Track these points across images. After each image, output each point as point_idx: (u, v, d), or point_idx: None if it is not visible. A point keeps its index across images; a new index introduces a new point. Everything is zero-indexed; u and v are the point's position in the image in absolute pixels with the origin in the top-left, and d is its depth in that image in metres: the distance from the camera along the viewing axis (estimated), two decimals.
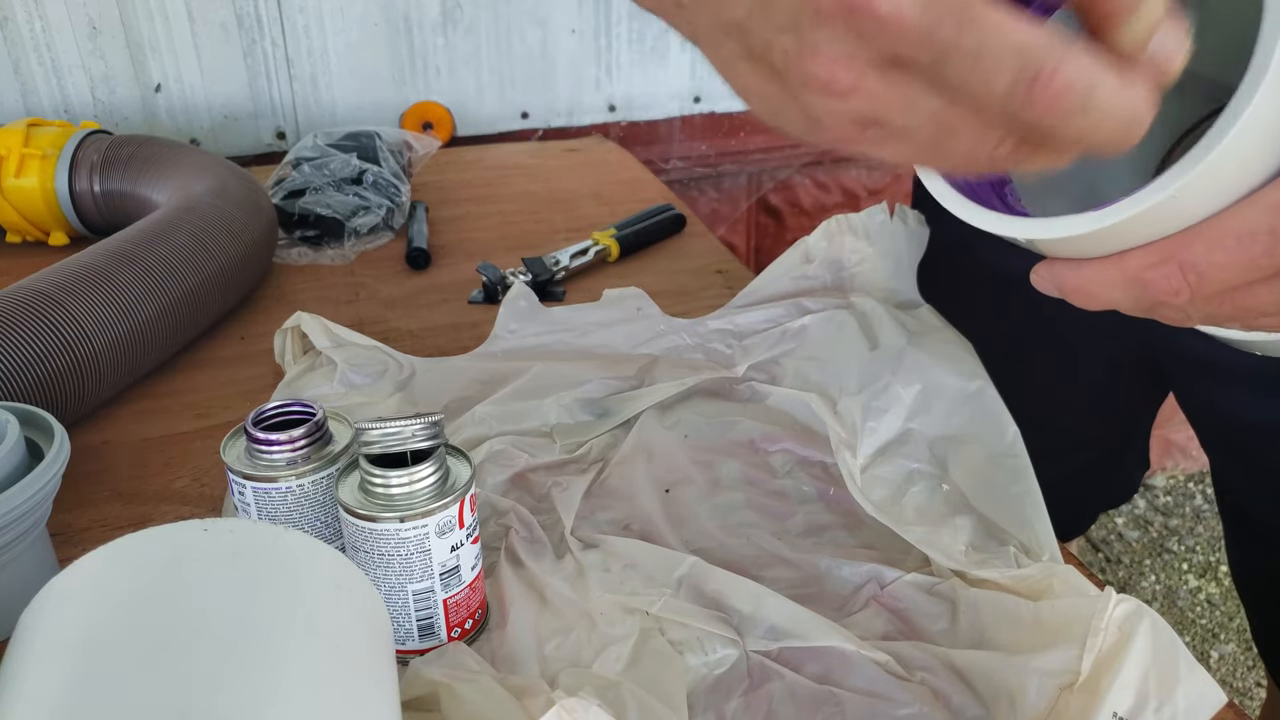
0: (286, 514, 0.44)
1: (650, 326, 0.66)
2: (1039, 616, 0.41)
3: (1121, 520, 1.78)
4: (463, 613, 0.43)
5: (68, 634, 0.29)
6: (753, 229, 1.37)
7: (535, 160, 1.08)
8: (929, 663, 0.42)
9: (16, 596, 0.36)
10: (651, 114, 1.23)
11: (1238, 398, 0.61)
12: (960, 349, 0.59)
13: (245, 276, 0.72)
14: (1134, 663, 0.37)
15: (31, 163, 0.79)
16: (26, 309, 0.55)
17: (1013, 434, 0.53)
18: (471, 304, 0.76)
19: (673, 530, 0.51)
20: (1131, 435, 0.80)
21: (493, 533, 0.50)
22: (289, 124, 1.09)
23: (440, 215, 0.92)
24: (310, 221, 0.84)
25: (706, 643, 0.43)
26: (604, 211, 0.94)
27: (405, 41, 1.09)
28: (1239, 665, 1.51)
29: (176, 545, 0.32)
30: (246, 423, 0.44)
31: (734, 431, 0.58)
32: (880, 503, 0.50)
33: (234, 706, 0.26)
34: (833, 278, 0.67)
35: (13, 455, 0.43)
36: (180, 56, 1.02)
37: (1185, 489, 1.84)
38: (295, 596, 0.31)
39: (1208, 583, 1.65)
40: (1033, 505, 0.50)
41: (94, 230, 0.82)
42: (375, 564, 0.41)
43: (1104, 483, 0.83)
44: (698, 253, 0.85)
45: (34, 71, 0.98)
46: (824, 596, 0.47)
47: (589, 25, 1.15)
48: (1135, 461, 0.83)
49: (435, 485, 0.41)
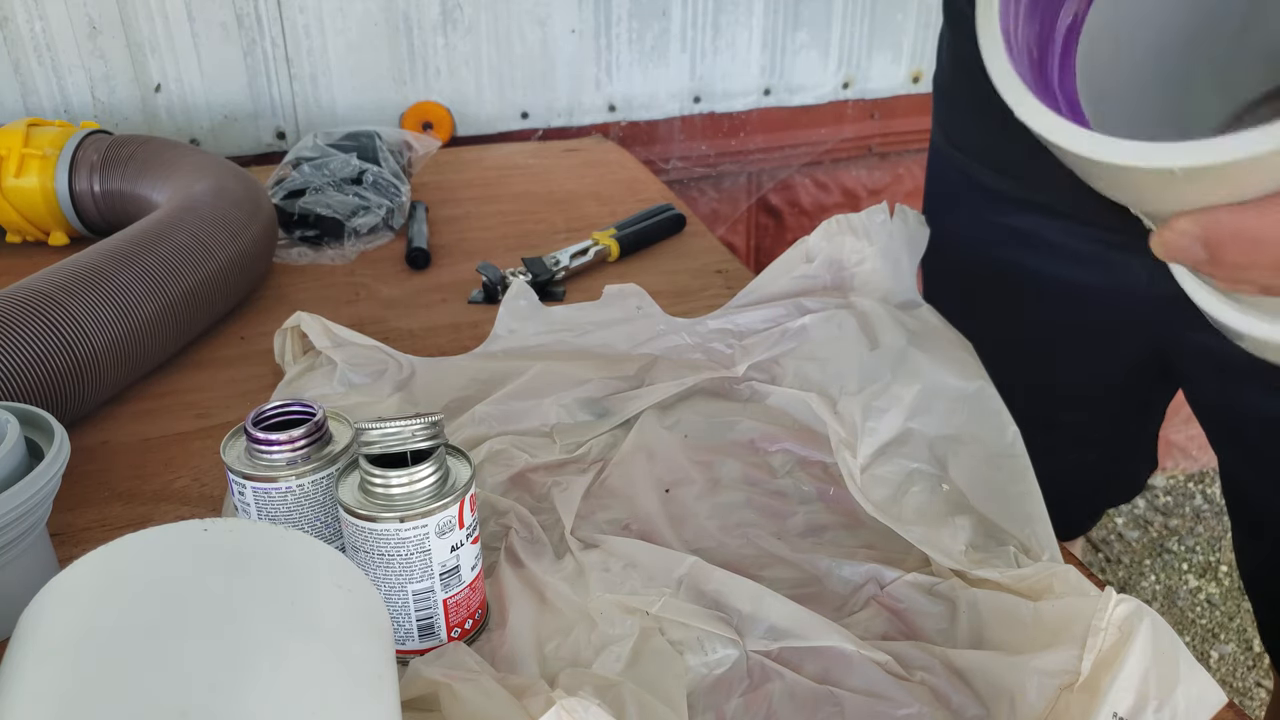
0: (286, 514, 0.44)
1: (650, 326, 0.66)
2: (1039, 616, 0.41)
3: (1121, 520, 1.77)
4: (463, 613, 0.43)
5: (68, 634, 0.29)
6: (753, 229, 1.37)
7: (535, 160, 1.08)
8: (929, 663, 0.42)
9: (16, 596, 0.36)
10: (651, 114, 1.23)
11: (1247, 394, 0.61)
12: (960, 349, 0.59)
13: (245, 276, 0.72)
14: (1134, 663, 0.37)
15: (31, 163, 0.79)
16: (26, 309, 0.55)
17: (1013, 434, 0.53)
18: (471, 304, 0.76)
19: (673, 530, 0.51)
20: (1138, 434, 0.80)
21: (493, 533, 0.50)
22: (289, 124, 1.09)
23: (440, 215, 0.92)
24: (310, 221, 0.84)
25: (706, 643, 0.43)
26: (604, 211, 0.94)
27: (405, 41, 1.09)
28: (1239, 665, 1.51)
29: (176, 545, 0.32)
30: (246, 423, 0.44)
31: (734, 431, 0.58)
32: (880, 502, 0.50)
33: (234, 706, 0.26)
34: (833, 278, 0.67)
35: (13, 455, 0.43)
36: (180, 56, 1.02)
37: (1185, 489, 1.84)
38: (295, 596, 0.31)
39: (1208, 583, 1.65)
40: (1033, 505, 0.50)
41: (94, 230, 0.82)
42: (375, 564, 0.41)
43: (1109, 481, 0.83)
44: (698, 253, 0.85)
45: (34, 71, 0.98)
46: (824, 596, 0.47)
47: (589, 25, 1.15)
48: (1142, 460, 0.83)
49: (435, 485, 0.41)
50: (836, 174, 1.37)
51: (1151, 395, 0.75)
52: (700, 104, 1.25)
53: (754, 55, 1.24)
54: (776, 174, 1.34)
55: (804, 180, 1.36)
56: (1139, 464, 0.83)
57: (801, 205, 1.37)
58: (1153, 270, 0.60)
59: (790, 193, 1.36)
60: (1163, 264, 0.59)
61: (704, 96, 1.24)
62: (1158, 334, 0.64)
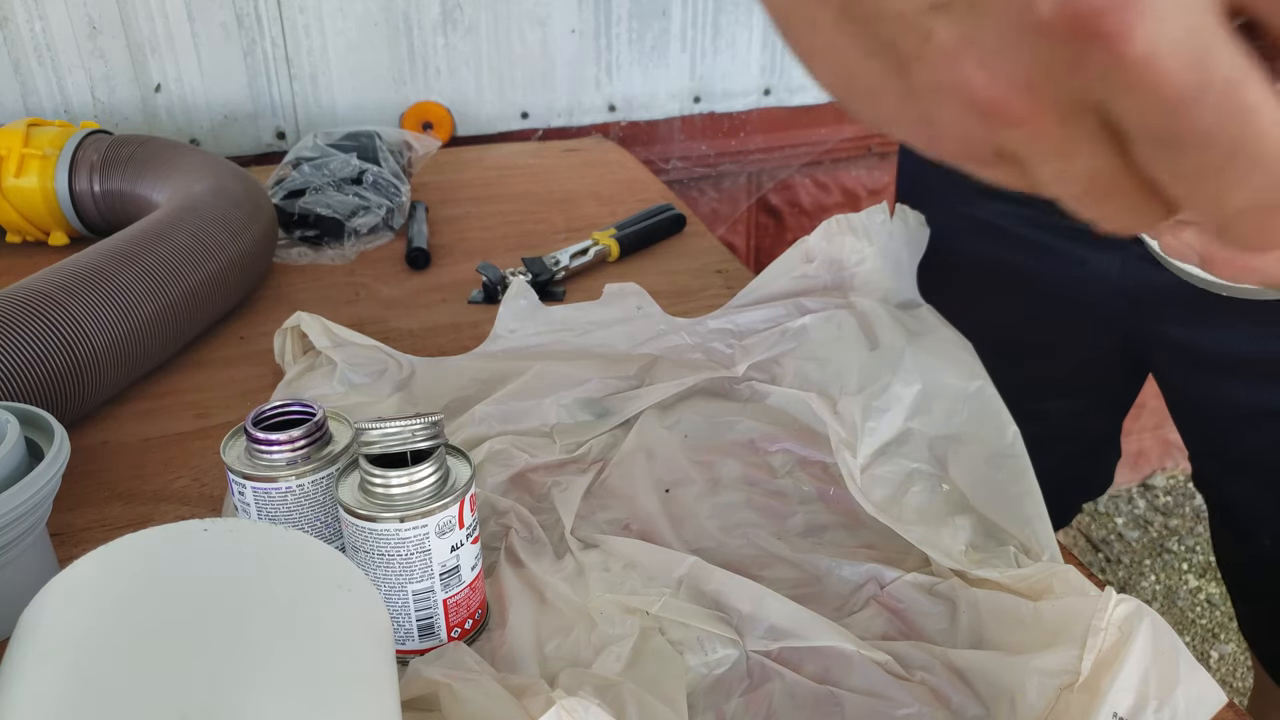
0: (286, 514, 0.44)
1: (650, 326, 0.66)
2: (1039, 616, 0.41)
3: (1121, 520, 1.78)
4: (463, 613, 0.43)
5: (68, 634, 0.29)
6: (753, 229, 1.37)
7: (535, 160, 1.08)
8: (929, 663, 0.42)
9: (16, 596, 0.36)
10: (651, 114, 1.23)
11: (1217, 387, 0.61)
12: (960, 349, 0.59)
13: (245, 276, 0.72)
14: (1134, 663, 0.37)
15: (31, 163, 0.79)
16: (26, 309, 0.55)
17: (1012, 434, 0.53)
18: (471, 304, 0.76)
19: (673, 530, 0.51)
20: (1108, 427, 0.80)
21: (493, 533, 0.50)
22: (289, 124, 1.09)
23: (440, 215, 0.92)
24: (310, 221, 0.84)
25: (706, 643, 0.43)
26: (604, 211, 0.94)
27: (405, 41, 1.09)
28: (1239, 665, 1.51)
29: (176, 545, 0.32)
30: (246, 423, 0.44)
31: (734, 431, 0.58)
32: (880, 502, 0.50)
33: (234, 706, 0.26)
34: (833, 278, 0.67)
35: (13, 455, 0.43)
36: (180, 56, 1.02)
37: (1185, 489, 1.84)
38: (295, 596, 0.31)
39: (1208, 583, 1.65)
40: (1033, 505, 0.50)
41: (94, 230, 0.82)
42: (375, 564, 0.41)
43: (1085, 474, 0.83)
44: (698, 252, 0.85)
45: (34, 71, 0.98)
46: (824, 596, 0.47)
47: (589, 25, 1.15)
48: (1112, 453, 0.83)
49: (435, 485, 0.41)
50: (836, 174, 1.37)
51: (1122, 388, 0.75)
52: (700, 104, 1.25)
53: (754, 55, 1.24)
54: (776, 174, 1.34)
55: (804, 180, 1.36)
56: (1109, 457, 0.83)
57: (801, 205, 1.37)
58: (1123, 263, 0.60)
59: (790, 193, 1.36)
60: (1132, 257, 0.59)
61: (704, 96, 1.24)
62: (1128, 326, 0.64)
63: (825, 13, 0.21)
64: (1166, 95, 0.17)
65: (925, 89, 0.20)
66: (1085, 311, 0.66)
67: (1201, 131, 0.18)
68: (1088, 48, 0.18)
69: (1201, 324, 0.59)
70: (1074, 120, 0.19)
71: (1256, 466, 0.63)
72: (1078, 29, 0.17)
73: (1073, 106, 0.19)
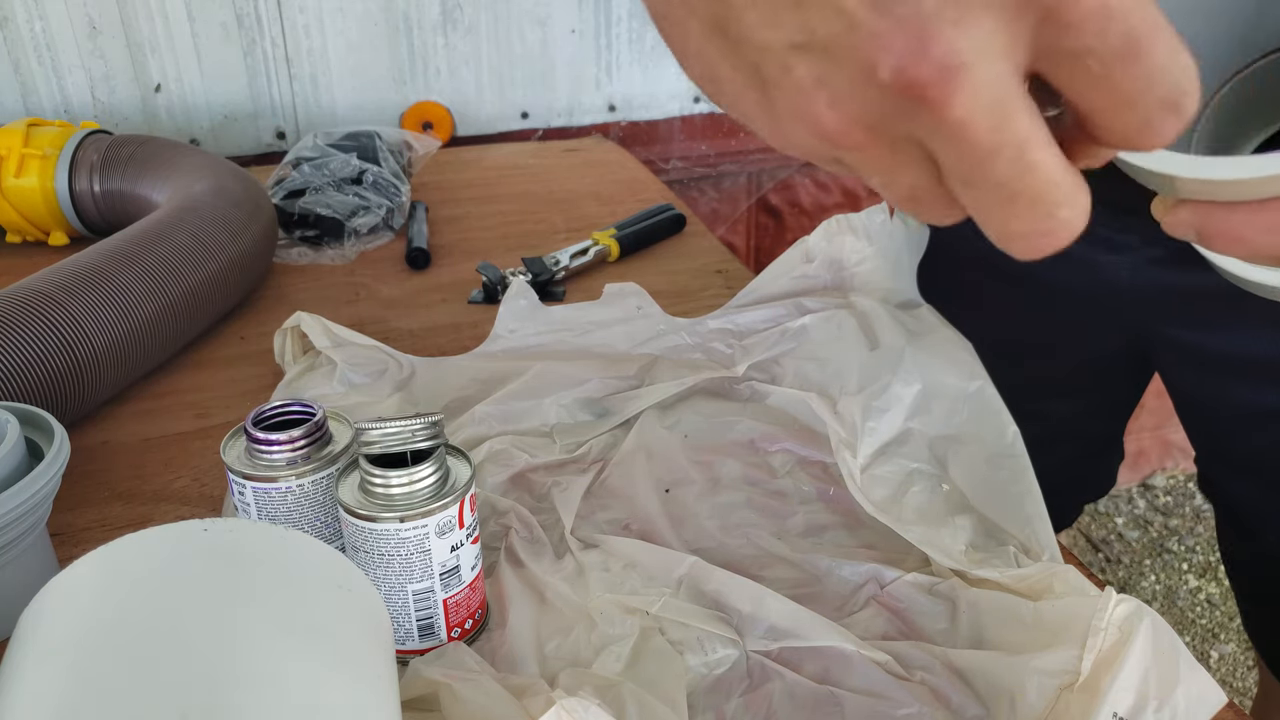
0: (286, 514, 0.44)
1: (650, 326, 0.66)
2: (1039, 616, 0.41)
3: (1121, 520, 1.78)
4: (463, 613, 0.43)
5: (68, 634, 0.29)
6: (753, 229, 1.37)
7: (535, 160, 1.08)
8: (929, 663, 0.42)
9: (16, 596, 0.36)
10: (651, 114, 1.23)
11: (1224, 388, 0.61)
12: (960, 349, 0.59)
13: (245, 276, 0.72)
14: (1134, 663, 0.37)
15: (31, 163, 0.79)
16: (26, 309, 0.55)
17: (1012, 434, 0.53)
18: (471, 304, 0.76)
19: (673, 530, 0.51)
20: (1113, 429, 0.80)
21: (493, 533, 0.50)
22: (289, 124, 1.09)
23: (440, 215, 0.92)
24: (310, 221, 0.84)
25: (706, 643, 0.43)
26: (604, 211, 0.94)
27: (405, 41, 1.09)
28: (1239, 665, 1.51)
29: (176, 545, 0.32)
30: (246, 423, 0.44)
31: (734, 431, 0.58)
32: (880, 502, 0.50)
33: (233, 706, 0.26)
34: (833, 278, 0.67)
35: (13, 455, 0.43)
36: (180, 56, 1.02)
37: (1185, 489, 1.84)
38: (295, 596, 0.31)
39: (1208, 583, 1.65)
40: (1033, 505, 0.50)
41: (94, 230, 0.82)
42: (375, 564, 0.41)
43: (1086, 475, 0.83)
44: (698, 253, 0.85)
45: (34, 71, 0.98)
46: (824, 596, 0.47)
47: (589, 25, 1.15)
48: (1115, 454, 0.83)
49: (435, 485, 0.41)
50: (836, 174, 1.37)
51: (1127, 390, 0.75)
52: (700, 104, 1.25)
53: None
54: (776, 174, 1.34)
55: (804, 180, 1.36)
56: (1111, 458, 0.83)
57: (801, 205, 1.37)
58: (1133, 266, 0.60)
59: (790, 193, 1.36)
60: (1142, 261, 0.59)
61: (704, 96, 1.24)
62: (1135, 328, 0.64)
63: (696, 23, 0.25)
64: (974, 149, 0.22)
65: (781, 110, 0.25)
66: (1086, 312, 0.66)
67: (997, 177, 0.23)
68: (917, 106, 0.22)
69: (1209, 326, 0.59)
70: (901, 150, 0.24)
71: (1263, 467, 0.63)
72: (909, 92, 0.22)
73: (901, 141, 0.24)
